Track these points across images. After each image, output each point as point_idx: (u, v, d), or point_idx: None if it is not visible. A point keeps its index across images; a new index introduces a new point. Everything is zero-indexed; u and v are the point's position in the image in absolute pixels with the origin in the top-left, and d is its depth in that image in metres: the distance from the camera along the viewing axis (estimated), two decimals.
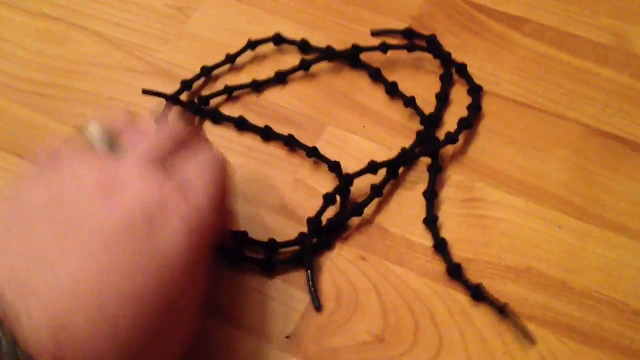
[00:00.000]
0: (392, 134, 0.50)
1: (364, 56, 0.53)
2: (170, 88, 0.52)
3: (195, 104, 0.51)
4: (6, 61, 0.55)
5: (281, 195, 0.47)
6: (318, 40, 0.55)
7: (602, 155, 0.48)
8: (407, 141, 0.49)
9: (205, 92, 0.52)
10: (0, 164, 0.49)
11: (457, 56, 0.53)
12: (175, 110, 0.50)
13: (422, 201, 0.46)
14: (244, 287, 0.43)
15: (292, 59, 0.54)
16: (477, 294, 0.42)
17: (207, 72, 0.53)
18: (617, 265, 0.43)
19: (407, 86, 0.51)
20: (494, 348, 0.40)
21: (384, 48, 0.52)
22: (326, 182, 0.47)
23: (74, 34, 0.56)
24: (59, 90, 0.53)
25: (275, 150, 0.49)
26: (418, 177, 0.47)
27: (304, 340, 0.41)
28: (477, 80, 0.52)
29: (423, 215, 0.45)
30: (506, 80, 0.52)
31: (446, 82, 0.51)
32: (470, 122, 0.49)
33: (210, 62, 0.53)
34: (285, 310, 0.42)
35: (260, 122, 0.50)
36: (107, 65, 0.54)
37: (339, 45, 0.54)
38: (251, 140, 0.50)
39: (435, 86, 0.52)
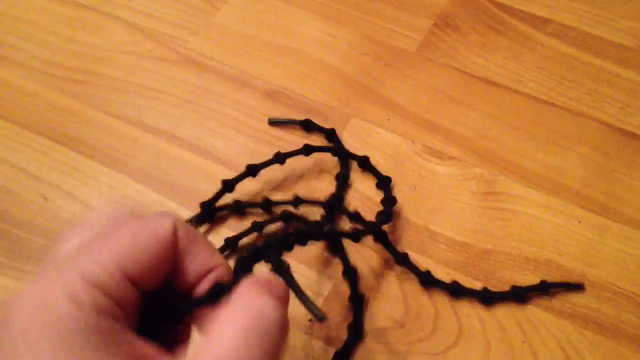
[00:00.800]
0: (416, 128, 0.50)
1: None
2: (198, 77, 0.54)
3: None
4: (40, 48, 0.56)
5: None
6: (344, 35, 0.56)
7: (622, 153, 0.49)
8: (431, 135, 0.50)
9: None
10: (32, 145, 0.50)
11: (481, 54, 0.55)
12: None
13: (445, 193, 0.47)
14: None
15: None
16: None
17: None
18: (635, 260, 0.44)
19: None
20: (513, 337, 0.41)
21: (280, 159, 0.46)
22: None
23: (105, 23, 0.58)
24: (90, 76, 0.54)
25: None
26: (436, 170, 0.48)
27: (326, 324, 0.42)
28: (499, 79, 0.53)
29: (446, 206, 0.46)
30: (528, 79, 0.53)
31: (341, 182, 0.47)
32: (389, 215, 0.45)
33: (237, 53, 0.55)
34: (309, 295, 0.43)
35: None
36: (137, 54, 0.55)
37: (363, 41, 0.55)
38: None
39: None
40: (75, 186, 0.48)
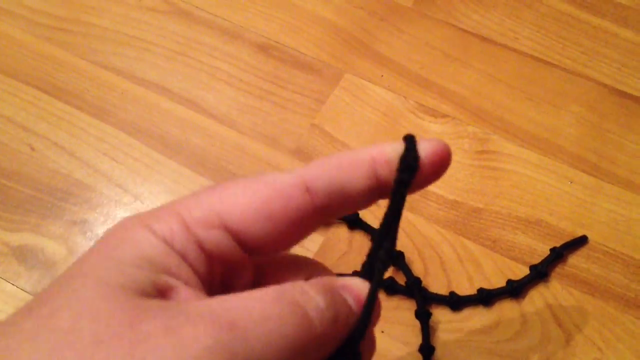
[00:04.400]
0: (410, 85, 0.50)
1: None
2: (189, 29, 0.52)
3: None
4: None
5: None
6: None
7: (617, 113, 0.48)
8: (425, 92, 0.49)
9: None
10: (19, 95, 0.49)
11: (477, 10, 0.54)
12: None
13: None
14: None
15: None
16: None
17: None
18: (626, 221, 0.44)
19: None
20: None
21: None
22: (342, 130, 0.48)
23: None
24: (79, 25, 0.53)
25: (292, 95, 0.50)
26: (429, 127, 0.48)
27: None
28: (495, 36, 0.52)
29: None
30: (525, 36, 0.52)
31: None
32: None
33: (229, 4, 0.54)
34: (300, 251, 0.43)
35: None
36: (126, 3, 0.54)
37: None
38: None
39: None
40: (63, 137, 0.47)
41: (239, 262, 0.22)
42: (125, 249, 0.20)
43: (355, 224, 0.43)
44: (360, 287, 0.22)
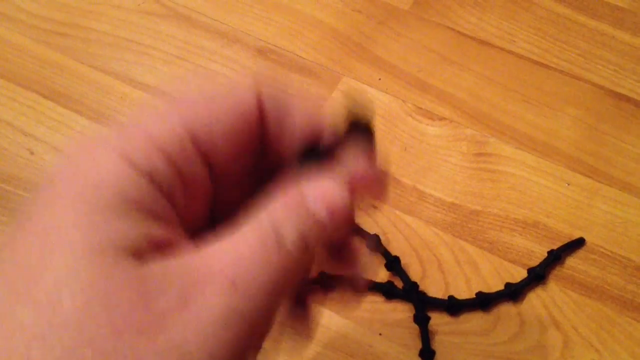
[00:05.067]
0: (407, 88, 0.50)
1: None
2: (187, 33, 0.53)
3: None
4: (27, 0, 0.55)
5: None
6: None
7: (614, 115, 0.49)
8: (422, 95, 0.49)
9: None
10: (19, 100, 0.49)
11: (474, 13, 0.54)
12: None
13: (435, 153, 0.47)
14: None
15: None
16: None
17: None
18: (623, 223, 0.44)
19: None
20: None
21: None
22: None
23: None
24: (77, 30, 0.53)
25: None
26: (427, 130, 0.48)
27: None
28: (493, 39, 0.52)
29: (435, 166, 0.46)
30: (522, 39, 0.53)
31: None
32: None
33: (227, 8, 0.54)
34: None
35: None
36: (125, 8, 0.54)
37: None
38: None
39: None
40: (62, 141, 0.47)
41: (203, 184, 0.22)
42: (104, 189, 0.19)
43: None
44: (334, 194, 0.21)
